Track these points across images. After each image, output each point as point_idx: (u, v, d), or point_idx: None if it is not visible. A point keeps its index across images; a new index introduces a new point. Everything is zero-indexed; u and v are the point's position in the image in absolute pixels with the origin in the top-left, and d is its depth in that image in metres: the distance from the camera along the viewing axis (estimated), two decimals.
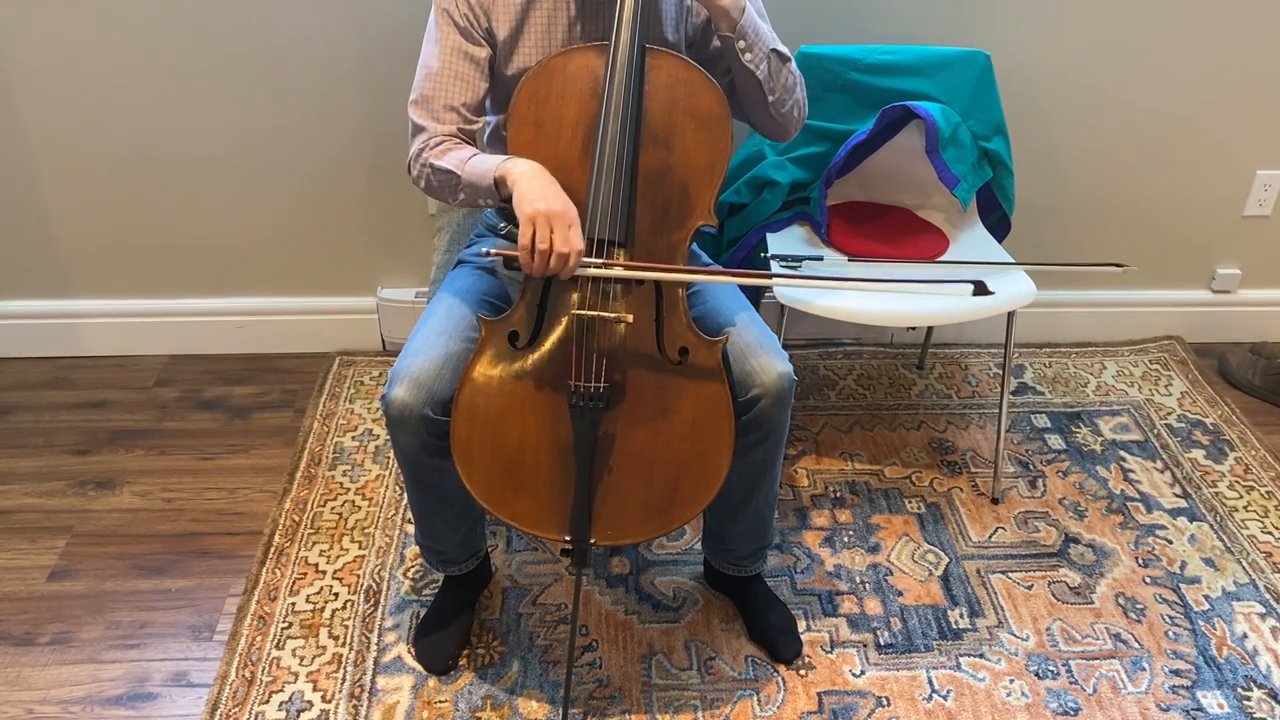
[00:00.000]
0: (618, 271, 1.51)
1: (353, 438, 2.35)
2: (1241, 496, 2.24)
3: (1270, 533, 2.14)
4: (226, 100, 2.33)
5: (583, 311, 1.53)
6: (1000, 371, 2.62)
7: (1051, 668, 1.84)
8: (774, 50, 1.63)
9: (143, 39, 2.26)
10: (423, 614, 1.89)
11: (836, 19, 2.29)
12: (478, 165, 1.54)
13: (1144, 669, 1.84)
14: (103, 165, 2.40)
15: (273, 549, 2.04)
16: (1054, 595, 1.98)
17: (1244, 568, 2.05)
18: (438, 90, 1.61)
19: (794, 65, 1.67)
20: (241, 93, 2.33)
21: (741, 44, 1.59)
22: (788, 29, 1.76)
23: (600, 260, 1.52)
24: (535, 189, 1.46)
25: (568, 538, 1.57)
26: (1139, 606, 1.96)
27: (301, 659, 1.82)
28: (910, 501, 2.21)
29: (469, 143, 1.63)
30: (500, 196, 1.52)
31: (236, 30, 2.26)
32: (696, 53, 1.73)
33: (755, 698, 1.77)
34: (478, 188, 1.53)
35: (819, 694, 1.78)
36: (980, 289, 1.61)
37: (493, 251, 1.52)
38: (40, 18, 2.23)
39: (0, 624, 1.89)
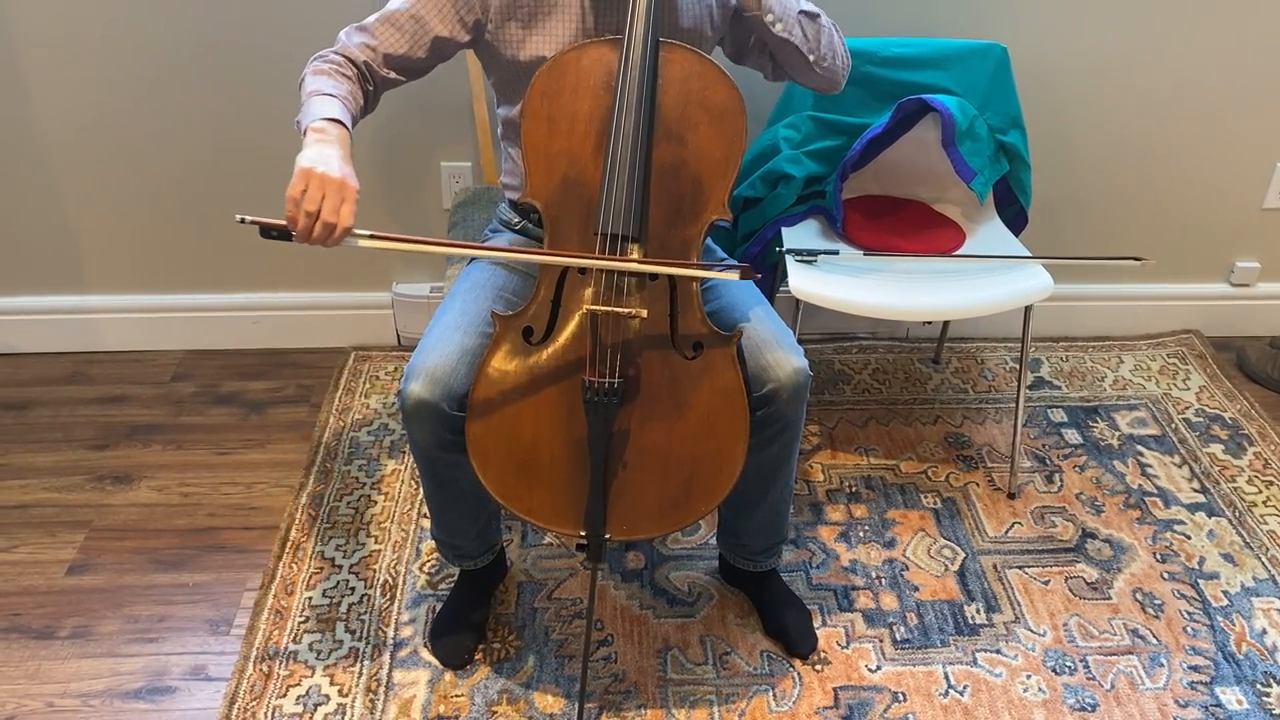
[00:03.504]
0: (630, 266, 1.51)
1: (368, 432, 2.36)
2: (1261, 491, 2.22)
3: None
4: (241, 96, 2.34)
5: (597, 307, 1.53)
6: (1017, 366, 2.61)
7: (1069, 663, 1.83)
8: (802, 11, 1.64)
9: (158, 34, 2.27)
10: (439, 609, 1.89)
11: (852, 12, 2.27)
12: (313, 106, 1.51)
13: (1162, 665, 1.83)
14: (118, 161, 2.41)
15: (289, 543, 2.05)
16: (1071, 591, 1.97)
17: (1263, 563, 2.04)
18: (375, 28, 1.62)
19: (825, 18, 1.68)
20: (256, 89, 2.33)
21: (770, 17, 1.60)
22: None
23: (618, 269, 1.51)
24: (323, 154, 1.42)
25: (583, 533, 1.57)
26: (1157, 602, 1.95)
27: (318, 653, 1.83)
28: (926, 496, 2.20)
29: (351, 81, 1.59)
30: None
31: (252, 27, 2.26)
32: (730, 39, 1.74)
33: (771, 693, 1.77)
34: (300, 123, 1.51)
35: (835, 689, 1.78)
36: (745, 273, 1.52)
37: (249, 219, 1.42)
38: (57, 13, 2.24)
39: (20, 618, 1.90)
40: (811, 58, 1.66)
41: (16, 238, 2.50)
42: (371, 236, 1.46)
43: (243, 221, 1.41)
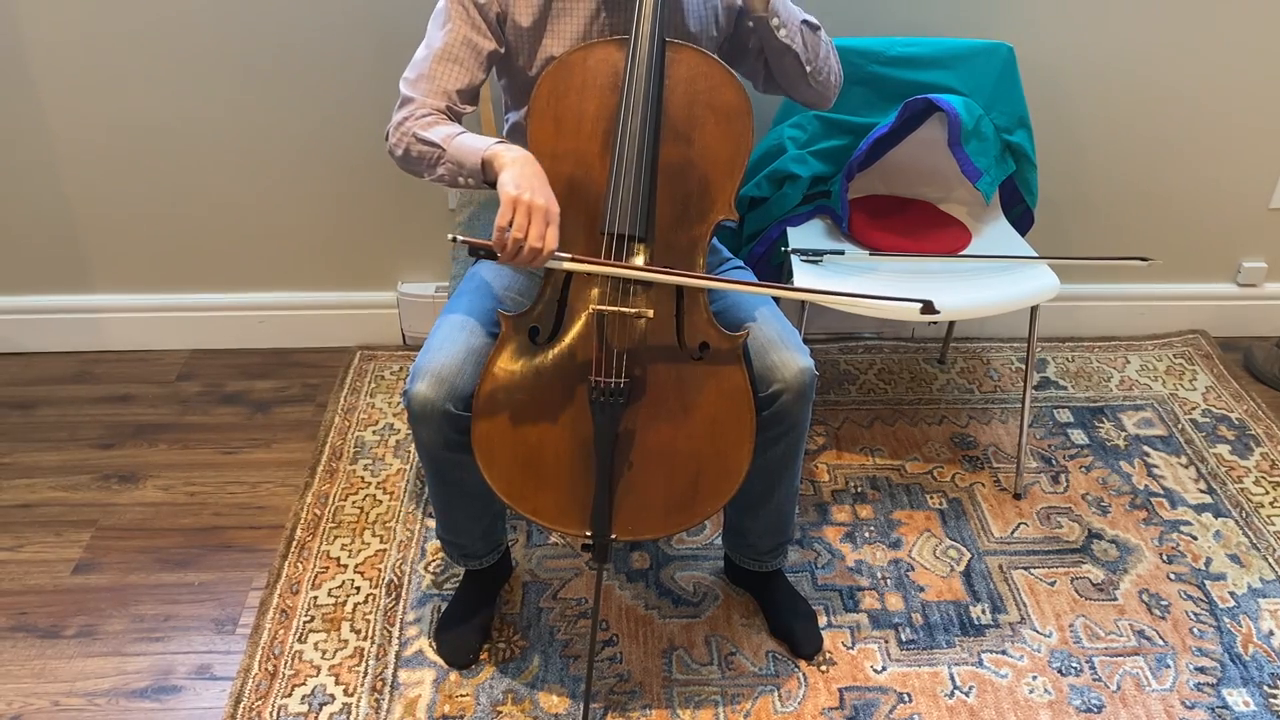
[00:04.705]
0: (635, 274, 1.51)
1: (374, 432, 2.36)
2: (1268, 492, 2.21)
3: None
4: (248, 96, 2.34)
5: (603, 307, 1.53)
6: (1022, 366, 2.61)
7: (1075, 664, 1.83)
8: (804, 21, 1.65)
9: (166, 34, 2.27)
10: (444, 608, 1.90)
11: (858, 11, 2.28)
12: (466, 142, 1.52)
13: (1169, 666, 1.82)
14: (125, 161, 2.41)
15: (294, 543, 2.05)
16: (1077, 591, 1.97)
17: (1270, 564, 2.03)
18: (435, 71, 1.61)
19: (824, 32, 1.69)
20: (263, 89, 2.33)
21: (775, 21, 1.60)
22: None
23: (625, 270, 1.51)
24: (526, 176, 1.44)
25: (588, 533, 1.57)
26: (1163, 603, 1.95)
27: (323, 652, 1.83)
28: (932, 497, 2.19)
29: (456, 124, 1.61)
30: (485, 178, 1.51)
31: (258, 27, 2.26)
32: (730, 41, 1.74)
33: (776, 693, 1.77)
34: (462, 166, 1.52)
35: (840, 690, 1.78)
36: (928, 308, 1.56)
37: (460, 239, 1.46)
38: (63, 12, 2.24)
39: (26, 617, 1.91)
40: (809, 68, 1.66)
41: (23, 237, 2.51)
42: (572, 259, 1.48)
43: (454, 240, 1.46)
